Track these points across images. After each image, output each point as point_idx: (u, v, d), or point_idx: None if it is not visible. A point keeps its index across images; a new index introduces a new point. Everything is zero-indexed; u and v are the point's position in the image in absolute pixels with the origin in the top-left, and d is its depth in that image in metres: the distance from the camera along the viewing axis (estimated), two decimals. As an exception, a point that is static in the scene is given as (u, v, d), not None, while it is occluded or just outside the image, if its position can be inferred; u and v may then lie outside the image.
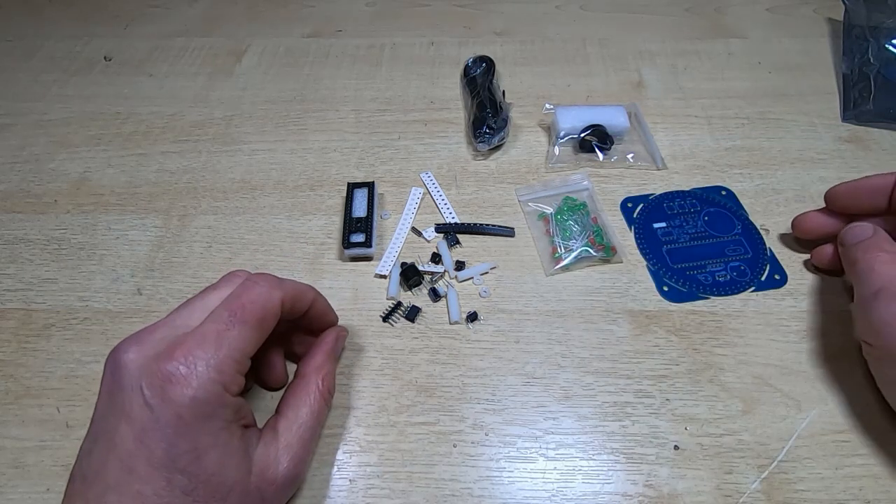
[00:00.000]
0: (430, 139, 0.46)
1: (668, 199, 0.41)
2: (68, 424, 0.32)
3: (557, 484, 0.29)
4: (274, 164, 0.45)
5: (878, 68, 0.49)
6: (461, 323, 0.35)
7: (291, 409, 0.28)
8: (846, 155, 0.44)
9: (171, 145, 0.47)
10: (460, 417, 0.32)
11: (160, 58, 0.55)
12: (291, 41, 0.56)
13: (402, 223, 0.40)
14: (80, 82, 0.53)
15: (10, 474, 0.30)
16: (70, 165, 0.45)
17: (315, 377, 0.29)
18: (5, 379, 0.34)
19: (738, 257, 0.38)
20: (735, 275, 0.37)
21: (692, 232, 0.39)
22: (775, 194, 0.42)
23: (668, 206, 0.41)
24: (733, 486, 0.29)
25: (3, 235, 0.41)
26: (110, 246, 0.40)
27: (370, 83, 0.52)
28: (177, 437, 0.23)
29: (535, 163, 0.45)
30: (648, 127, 0.46)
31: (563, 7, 0.60)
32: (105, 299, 0.37)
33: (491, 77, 0.49)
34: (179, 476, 0.23)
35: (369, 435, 0.31)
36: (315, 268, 0.38)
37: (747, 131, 0.46)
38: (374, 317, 0.36)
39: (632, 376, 0.33)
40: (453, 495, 0.29)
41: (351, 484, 0.30)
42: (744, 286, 0.37)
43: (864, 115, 0.47)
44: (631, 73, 0.52)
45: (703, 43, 0.55)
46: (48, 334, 0.36)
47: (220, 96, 0.51)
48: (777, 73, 0.51)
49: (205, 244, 0.40)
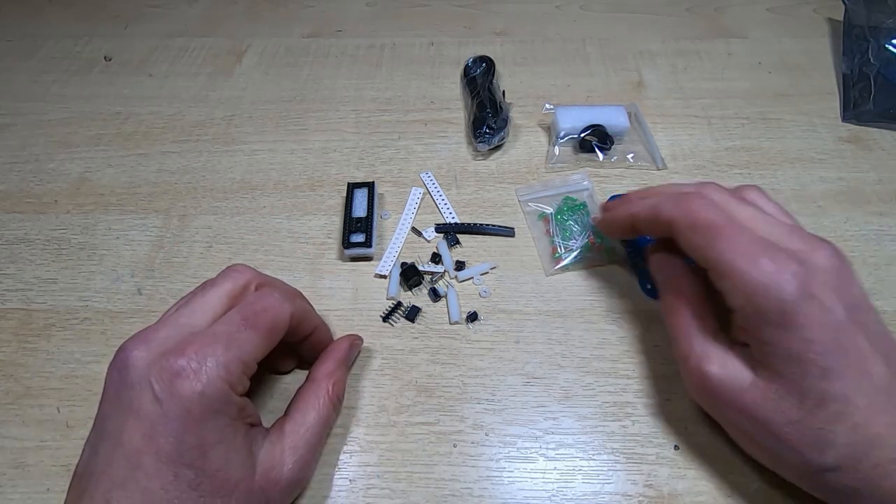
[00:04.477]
0: (430, 139, 0.46)
1: None
2: (68, 424, 0.32)
3: (557, 484, 0.29)
4: (274, 164, 0.45)
5: (878, 68, 0.49)
6: (461, 323, 0.35)
7: (299, 412, 0.28)
8: (846, 155, 0.44)
9: (171, 145, 0.47)
10: (460, 417, 0.32)
11: (160, 58, 0.55)
12: (291, 41, 0.56)
13: (402, 223, 0.40)
14: (80, 82, 0.53)
15: (10, 474, 0.30)
16: (70, 165, 0.45)
17: (326, 382, 0.29)
18: (5, 379, 0.34)
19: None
20: None
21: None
22: (775, 194, 0.41)
23: None
24: (733, 486, 0.29)
25: (3, 235, 0.41)
26: (110, 246, 0.40)
27: (370, 83, 0.52)
28: (184, 431, 0.23)
29: (535, 163, 0.45)
30: (648, 127, 0.46)
31: (563, 7, 0.60)
32: (105, 299, 0.37)
33: (491, 77, 0.49)
34: (186, 471, 0.23)
35: (369, 435, 0.31)
36: (315, 268, 0.38)
37: (747, 131, 0.46)
38: (374, 317, 0.36)
39: (632, 376, 0.33)
40: (453, 495, 0.29)
41: (351, 484, 0.30)
42: None
43: (864, 115, 0.47)
44: (631, 73, 0.52)
45: (703, 43, 0.55)
46: (48, 334, 0.36)
47: (220, 96, 0.51)
48: (777, 73, 0.51)
49: (205, 244, 0.40)
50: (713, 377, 0.26)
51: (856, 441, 0.23)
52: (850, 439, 0.23)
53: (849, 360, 0.23)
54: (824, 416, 0.23)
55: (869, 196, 0.42)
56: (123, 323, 0.36)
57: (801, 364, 0.24)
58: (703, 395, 0.28)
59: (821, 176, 0.43)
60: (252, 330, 0.26)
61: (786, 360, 0.24)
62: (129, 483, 0.22)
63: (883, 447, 0.23)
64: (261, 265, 0.38)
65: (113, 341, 0.35)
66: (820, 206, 0.41)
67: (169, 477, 0.23)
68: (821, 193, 0.42)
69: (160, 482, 0.22)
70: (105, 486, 0.23)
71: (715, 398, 0.27)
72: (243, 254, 0.39)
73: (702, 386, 0.27)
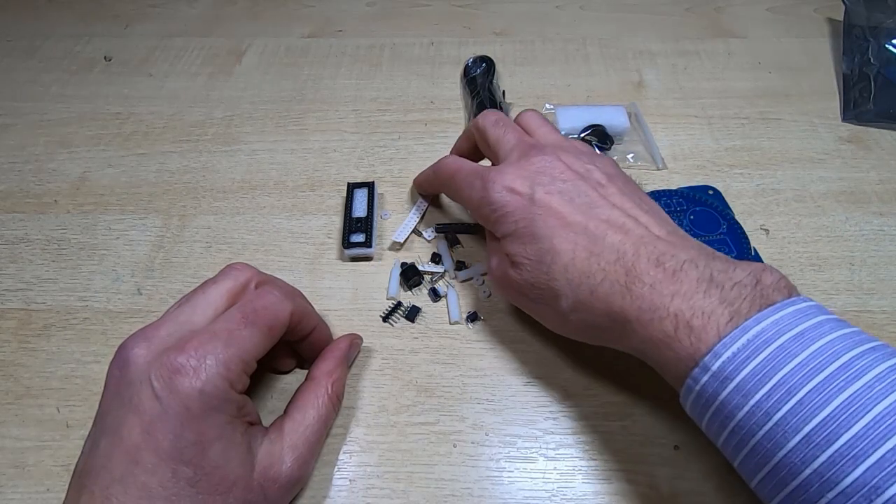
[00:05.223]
0: (430, 139, 0.46)
1: (655, 198, 0.41)
2: (68, 424, 0.32)
3: (557, 484, 0.29)
4: (274, 164, 0.45)
5: (879, 68, 0.49)
6: (461, 323, 0.35)
7: (299, 411, 0.28)
8: (846, 155, 0.44)
9: (171, 145, 0.47)
10: (460, 417, 0.32)
11: (160, 58, 0.55)
12: (291, 41, 0.56)
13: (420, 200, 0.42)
14: (80, 82, 0.53)
15: (10, 474, 0.30)
16: (70, 165, 0.45)
17: (325, 381, 0.30)
18: (5, 379, 0.34)
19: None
20: None
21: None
22: (775, 194, 0.42)
23: None
24: (733, 486, 0.29)
25: (3, 235, 0.41)
26: (110, 246, 0.40)
27: (370, 83, 0.52)
28: (183, 428, 0.23)
29: (535, 163, 0.45)
30: (648, 127, 0.46)
31: (563, 7, 0.60)
32: (105, 299, 0.37)
33: (491, 77, 0.49)
34: (185, 468, 0.23)
35: (369, 435, 0.31)
36: (315, 268, 0.38)
37: (747, 131, 0.46)
38: (374, 317, 0.36)
39: (632, 376, 0.33)
40: (453, 495, 0.29)
41: (351, 484, 0.30)
42: None
43: (865, 115, 0.47)
44: (631, 73, 0.52)
45: (703, 43, 0.55)
46: (48, 334, 0.36)
47: (220, 96, 0.51)
48: (777, 73, 0.51)
49: (205, 244, 0.40)
50: (493, 270, 0.32)
51: (570, 279, 0.27)
52: (567, 279, 0.27)
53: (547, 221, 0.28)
54: (545, 269, 0.28)
55: (869, 196, 0.42)
56: (123, 323, 0.36)
57: (520, 240, 0.29)
58: (497, 288, 0.35)
59: (821, 176, 0.43)
60: (252, 328, 0.26)
61: (513, 242, 0.30)
62: (128, 479, 0.22)
63: (589, 276, 0.27)
64: (261, 265, 0.38)
65: (113, 341, 0.35)
66: (820, 206, 0.41)
67: (167, 473, 0.23)
68: (821, 193, 0.42)
69: (158, 478, 0.23)
70: (104, 481, 0.23)
71: (500, 287, 0.32)
72: (243, 254, 0.39)
73: (493, 281, 0.33)
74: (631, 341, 0.26)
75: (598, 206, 0.29)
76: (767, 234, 0.39)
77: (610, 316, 0.26)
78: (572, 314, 0.28)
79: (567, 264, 0.27)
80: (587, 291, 0.27)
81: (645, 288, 0.25)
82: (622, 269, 0.26)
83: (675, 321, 0.24)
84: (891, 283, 0.37)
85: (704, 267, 0.25)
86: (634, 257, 0.26)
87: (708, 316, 0.23)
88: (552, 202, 0.29)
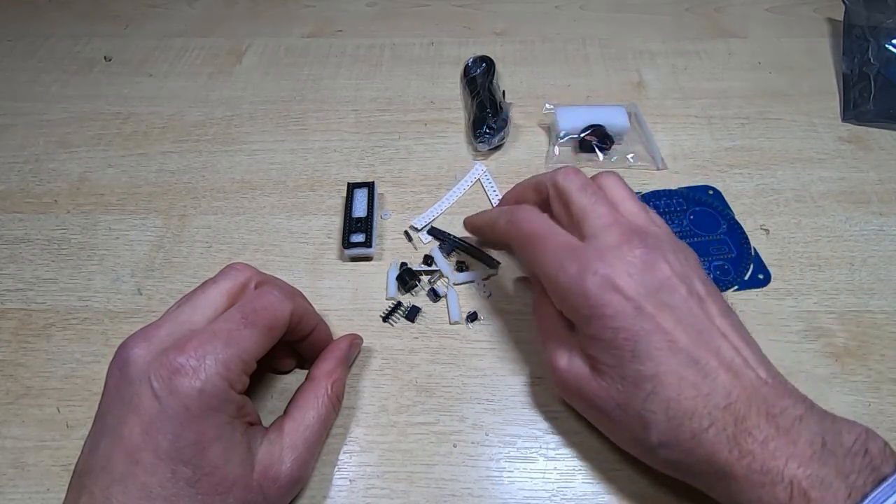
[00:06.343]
0: (430, 139, 0.46)
1: (655, 198, 0.41)
2: (68, 424, 0.32)
3: (557, 484, 0.29)
4: (274, 164, 0.45)
5: (878, 68, 0.49)
6: (461, 323, 0.35)
7: (299, 411, 0.28)
8: (846, 155, 0.44)
9: (171, 145, 0.47)
10: (460, 417, 0.32)
11: (160, 58, 0.55)
12: (291, 41, 0.56)
13: (455, 190, 0.42)
14: (80, 82, 0.53)
15: (10, 474, 0.30)
16: (70, 165, 0.45)
17: (325, 381, 0.29)
18: (5, 379, 0.34)
19: (722, 256, 0.38)
20: (718, 273, 0.37)
21: (677, 231, 0.39)
22: (775, 194, 0.42)
23: (655, 205, 0.41)
24: (733, 486, 0.29)
25: (3, 235, 0.41)
26: (110, 246, 0.40)
27: (370, 83, 0.52)
28: (183, 428, 0.23)
29: (535, 163, 0.45)
30: (648, 127, 0.46)
31: (563, 7, 0.60)
32: (105, 299, 0.37)
33: (491, 77, 0.49)
34: (184, 468, 0.23)
35: (369, 435, 0.31)
36: (315, 268, 0.38)
37: (747, 131, 0.46)
38: (374, 317, 0.36)
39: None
40: (453, 495, 0.29)
41: (351, 484, 0.30)
42: (727, 285, 0.37)
43: (864, 115, 0.47)
44: (631, 73, 0.52)
45: (703, 43, 0.55)
46: (48, 334, 0.36)
47: (220, 96, 0.51)
48: (777, 73, 0.51)
49: (205, 244, 0.40)
50: (562, 371, 0.28)
51: (671, 417, 0.24)
52: (667, 415, 0.24)
53: (654, 340, 0.25)
54: (642, 396, 0.25)
55: (869, 196, 0.42)
56: (123, 323, 0.36)
57: (615, 351, 0.25)
58: (560, 389, 0.30)
59: (821, 176, 0.43)
60: (251, 328, 0.26)
61: (604, 350, 0.26)
62: (128, 479, 0.22)
63: (693, 418, 0.24)
64: (261, 265, 0.38)
65: (113, 341, 0.35)
66: (820, 206, 0.41)
67: (167, 473, 0.23)
68: (821, 193, 0.42)
69: (158, 478, 0.23)
70: (104, 481, 0.23)
71: (566, 390, 0.29)
72: (243, 254, 0.39)
73: (556, 380, 0.29)
74: (731, 495, 0.24)
75: (707, 333, 0.25)
76: (767, 234, 0.39)
77: (711, 465, 0.24)
78: (661, 449, 0.25)
79: (671, 399, 0.24)
80: (688, 434, 0.24)
81: (756, 445, 0.23)
82: (731, 418, 0.23)
83: (791, 489, 0.22)
84: (891, 283, 0.37)
85: (816, 427, 0.23)
86: (746, 407, 0.24)
87: (826, 488, 0.21)
88: (662, 320, 0.25)
